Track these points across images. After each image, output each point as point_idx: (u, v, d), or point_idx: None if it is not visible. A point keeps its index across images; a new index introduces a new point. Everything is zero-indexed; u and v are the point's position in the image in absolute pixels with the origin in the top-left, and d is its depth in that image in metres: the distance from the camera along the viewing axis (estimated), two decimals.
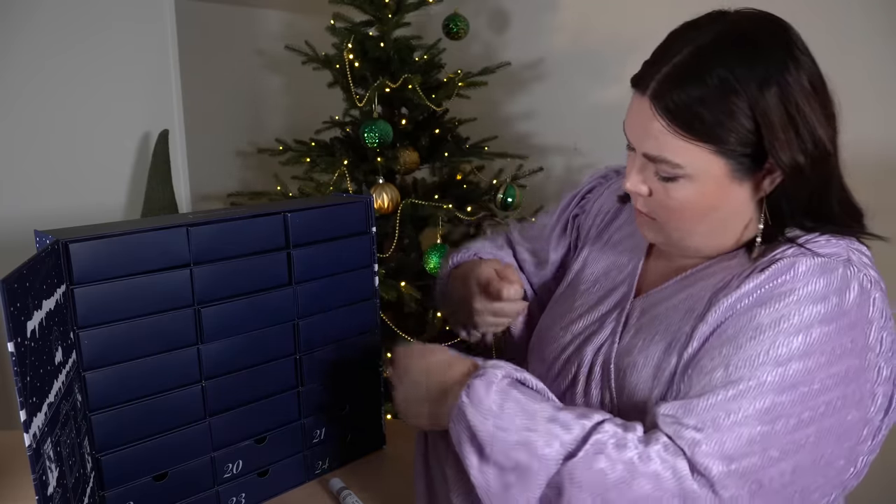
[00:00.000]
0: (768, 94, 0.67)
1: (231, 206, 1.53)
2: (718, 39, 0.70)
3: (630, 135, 0.76)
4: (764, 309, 0.68)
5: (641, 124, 0.73)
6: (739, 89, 0.67)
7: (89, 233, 0.72)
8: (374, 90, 1.61)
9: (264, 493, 0.89)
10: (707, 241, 0.78)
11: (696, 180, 0.72)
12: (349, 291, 0.94)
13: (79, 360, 0.72)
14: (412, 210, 1.68)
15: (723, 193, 0.73)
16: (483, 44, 2.21)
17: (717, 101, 0.68)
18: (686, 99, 0.68)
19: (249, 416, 0.86)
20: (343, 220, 0.92)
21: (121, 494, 0.76)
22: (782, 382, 0.66)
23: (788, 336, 0.67)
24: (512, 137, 2.15)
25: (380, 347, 1.00)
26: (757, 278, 0.70)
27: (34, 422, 0.58)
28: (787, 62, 0.69)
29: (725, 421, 0.65)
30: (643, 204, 0.79)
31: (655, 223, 0.79)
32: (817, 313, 0.67)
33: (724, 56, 0.68)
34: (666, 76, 0.70)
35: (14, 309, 0.55)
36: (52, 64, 1.51)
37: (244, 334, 0.84)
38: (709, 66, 0.68)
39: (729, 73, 0.67)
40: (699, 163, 0.71)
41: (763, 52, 0.69)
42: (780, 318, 0.67)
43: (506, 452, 0.66)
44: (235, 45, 2.09)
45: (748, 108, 0.68)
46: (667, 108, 0.70)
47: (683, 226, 0.77)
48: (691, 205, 0.74)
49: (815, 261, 0.69)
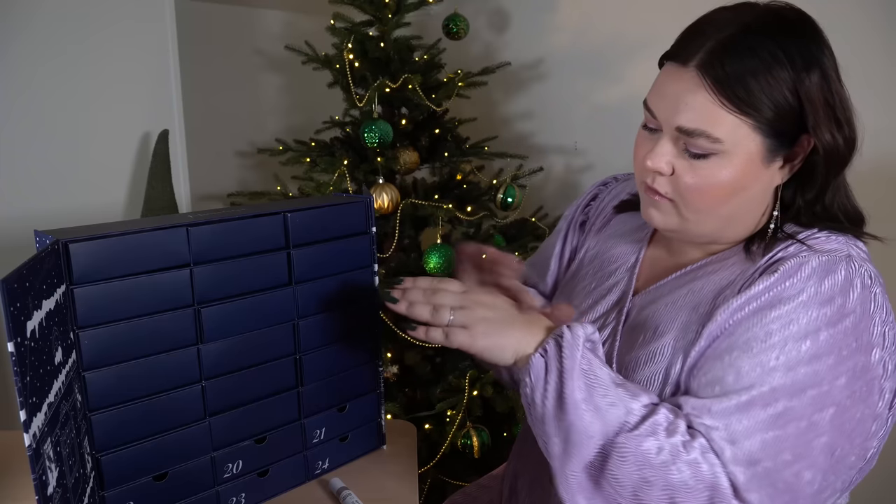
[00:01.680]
0: (813, 74, 0.70)
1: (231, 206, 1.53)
2: (763, 19, 0.72)
3: (660, 109, 0.75)
4: (773, 311, 0.69)
5: (679, 97, 0.72)
6: (788, 65, 0.69)
7: (89, 233, 0.72)
8: (374, 90, 1.61)
9: (264, 493, 0.89)
10: (722, 227, 0.78)
11: (730, 157, 0.72)
12: (349, 291, 0.94)
13: (79, 360, 0.72)
14: (412, 210, 1.68)
15: (752, 174, 0.73)
16: (483, 44, 2.21)
17: (766, 74, 0.69)
18: (738, 69, 0.69)
19: (249, 416, 0.86)
20: (343, 220, 0.92)
21: (121, 494, 0.76)
22: (793, 387, 0.66)
23: (797, 341, 0.67)
24: (512, 137, 2.15)
25: (380, 347, 1.00)
26: (767, 280, 0.71)
27: (34, 422, 0.58)
28: (822, 48, 0.71)
29: (739, 426, 0.67)
30: (663, 184, 0.76)
31: (671, 205, 0.77)
32: (823, 315, 0.68)
33: (771, 33, 0.70)
34: (713, 48, 0.71)
35: (14, 309, 0.55)
36: (51, 64, 1.51)
37: (244, 334, 0.84)
38: (758, 40, 0.70)
39: (779, 49, 0.69)
40: (737, 137, 0.71)
41: (803, 34, 0.71)
42: (788, 322, 0.68)
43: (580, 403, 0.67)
44: (235, 45, 2.09)
45: (793, 84, 0.70)
46: (717, 77, 0.70)
47: (705, 206, 0.75)
48: (719, 183, 0.73)
49: (820, 260, 0.70)
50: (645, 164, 0.76)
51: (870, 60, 1.52)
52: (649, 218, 0.80)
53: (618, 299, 0.86)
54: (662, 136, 0.75)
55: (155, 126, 1.65)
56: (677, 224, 0.78)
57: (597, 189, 1.03)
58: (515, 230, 1.86)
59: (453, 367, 1.75)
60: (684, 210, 0.77)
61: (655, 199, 0.78)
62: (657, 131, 0.76)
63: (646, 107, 0.77)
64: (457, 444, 1.64)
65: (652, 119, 0.76)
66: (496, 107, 2.21)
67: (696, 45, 0.72)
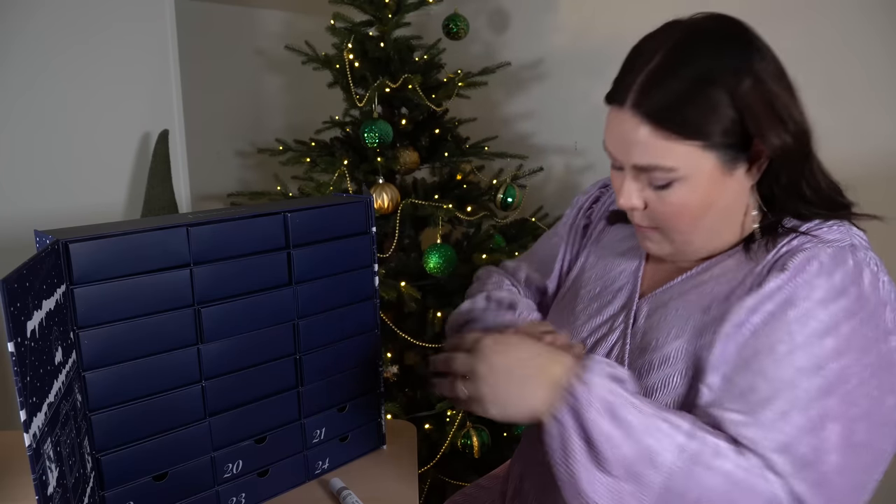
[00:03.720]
0: (745, 82, 0.69)
1: (231, 206, 1.53)
2: (685, 40, 0.72)
3: (614, 151, 0.77)
4: (791, 311, 0.69)
5: (625, 137, 0.73)
6: (717, 80, 0.69)
7: (89, 233, 0.72)
8: (374, 90, 1.61)
9: (264, 493, 0.89)
10: (711, 238, 0.79)
11: (690, 180, 0.73)
12: (349, 291, 0.94)
13: (79, 360, 0.72)
14: (412, 210, 1.68)
15: (717, 188, 0.74)
16: (483, 44, 2.21)
17: (697, 96, 0.69)
18: (668, 99, 0.70)
19: (249, 416, 0.86)
20: (343, 220, 0.92)
21: (121, 494, 0.76)
22: (825, 386, 0.66)
23: (820, 338, 0.67)
24: (512, 137, 2.15)
25: (380, 347, 1.00)
26: (778, 277, 0.70)
27: (34, 422, 0.58)
28: (751, 52, 0.71)
29: (782, 436, 0.66)
30: (641, 217, 0.79)
31: (658, 234, 0.80)
32: (841, 308, 0.68)
33: (695, 53, 0.71)
34: (643, 83, 0.71)
35: (14, 309, 0.55)
36: (51, 64, 1.51)
37: (244, 334, 0.84)
38: (683, 64, 0.70)
39: (703, 68, 0.70)
40: (690, 161, 0.72)
41: (728, 44, 0.71)
42: (808, 321, 0.68)
43: (622, 455, 0.64)
44: (235, 45, 2.09)
45: (728, 97, 0.69)
46: (650, 112, 0.71)
47: (685, 227, 0.77)
48: (689, 205, 0.74)
49: (828, 253, 0.70)
50: (619, 203, 0.78)
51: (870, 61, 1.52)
52: (646, 249, 0.83)
53: (624, 303, 0.86)
54: (626, 174, 0.77)
55: (155, 126, 1.65)
56: (671, 249, 0.81)
57: (598, 191, 1.02)
58: (515, 230, 1.86)
59: None
60: (670, 234, 0.79)
61: (643, 231, 0.81)
62: (622, 169, 0.78)
63: (604, 148, 0.79)
64: (457, 444, 1.64)
65: (613, 158, 0.78)
66: (496, 107, 2.21)
67: (627, 84, 0.73)
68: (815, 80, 1.57)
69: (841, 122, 1.53)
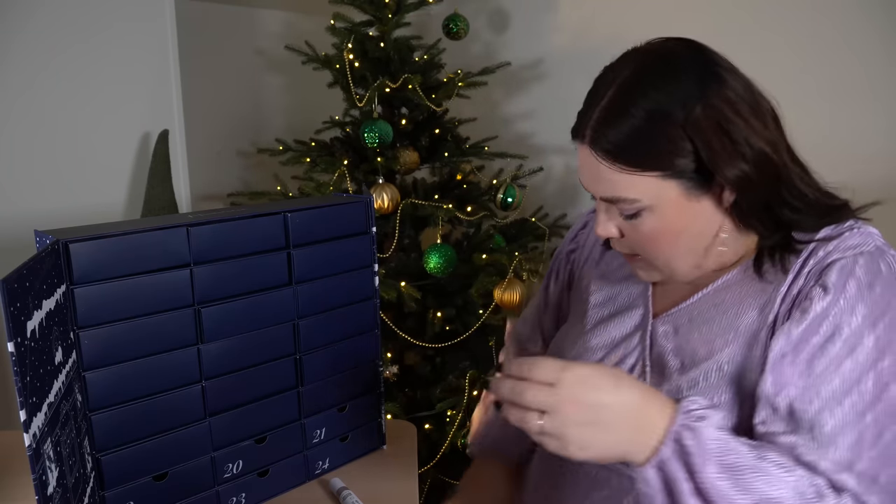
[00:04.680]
0: (695, 112, 0.68)
1: (231, 206, 1.53)
2: (635, 73, 0.72)
3: (585, 184, 0.78)
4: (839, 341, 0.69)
5: (589, 171, 0.75)
6: (667, 114, 0.69)
7: (89, 233, 0.72)
8: (374, 90, 1.61)
9: (264, 493, 0.89)
10: (695, 261, 0.78)
11: (656, 209, 0.73)
12: (349, 291, 0.94)
13: (79, 360, 0.72)
14: (412, 210, 1.68)
15: (685, 214, 0.74)
16: (483, 44, 2.21)
17: (649, 131, 0.69)
18: (621, 136, 0.70)
19: (249, 416, 0.86)
20: (343, 220, 0.92)
21: (121, 494, 0.76)
22: (875, 394, 0.67)
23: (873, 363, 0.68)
24: (512, 137, 2.15)
25: (380, 347, 1.00)
26: (824, 298, 0.69)
27: (34, 422, 0.58)
28: (705, 79, 0.70)
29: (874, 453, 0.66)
30: (620, 245, 0.80)
31: (641, 260, 0.80)
32: (886, 326, 0.69)
33: (644, 87, 0.70)
34: (596, 121, 0.72)
35: (14, 309, 0.55)
36: (51, 64, 1.51)
37: (244, 334, 0.84)
38: (633, 100, 0.70)
39: (652, 102, 0.69)
40: (653, 191, 0.72)
41: (680, 73, 0.70)
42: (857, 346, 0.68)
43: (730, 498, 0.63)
44: (235, 45, 2.09)
45: (681, 129, 0.69)
46: (605, 150, 0.72)
47: (662, 254, 0.77)
48: (660, 233, 0.75)
49: (861, 262, 0.70)
50: (596, 232, 0.79)
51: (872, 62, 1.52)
52: (637, 276, 0.83)
53: (638, 323, 0.84)
54: (599, 206, 0.78)
55: (155, 126, 1.65)
56: (658, 273, 0.80)
57: (588, 216, 1.02)
58: (515, 230, 1.86)
59: (453, 367, 1.75)
60: (650, 260, 0.78)
61: (631, 260, 0.81)
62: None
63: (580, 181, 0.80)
64: (457, 444, 1.64)
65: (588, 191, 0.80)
66: (496, 107, 2.21)
67: (584, 121, 0.74)
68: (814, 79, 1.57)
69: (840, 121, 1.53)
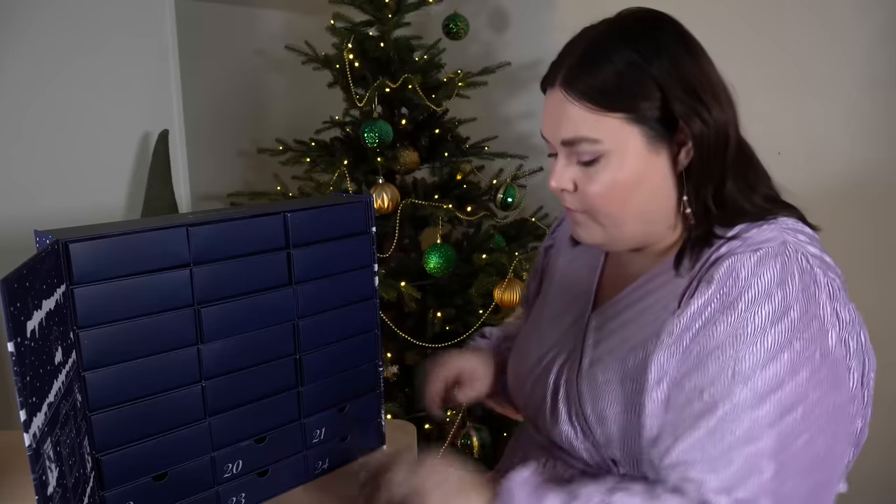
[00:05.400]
0: (666, 63, 0.73)
1: (231, 206, 1.53)
2: (613, 27, 0.78)
3: (547, 132, 0.80)
4: (719, 326, 0.68)
5: (556, 115, 0.77)
6: (640, 60, 0.73)
7: (89, 233, 0.72)
8: (374, 90, 1.61)
9: (264, 493, 0.89)
10: (641, 226, 0.78)
11: (616, 155, 0.74)
12: (349, 291, 0.94)
13: (79, 360, 0.72)
14: (412, 210, 1.68)
15: (643, 165, 0.75)
16: (483, 44, 2.21)
17: (623, 73, 0.73)
18: (594, 74, 0.74)
19: (249, 416, 0.86)
20: (343, 220, 0.92)
21: (121, 494, 0.76)
22: (754, 398, 0.65)
23: (749, 347, 0.66)
24: (512, 137, 2.15)
25: (380, 347, 1.00)
26: (705, 293, 0.70)
27: (34, 422, 0.58)
28: (678, 44, 0.75)
29: (714, 451, 0.65)
30: (571, 200, 0.79)
31: (587, 218, 0.79)
32: (768, 314, 0.67)
33: (622, 36, 0.75)
34: (573, 64, 0.76)
35: (14, 309, 0.55)
36: (52, 64, 1.51)
37: (244, 334, 0.84)
38: (610, 45, 0.75)
39: (628, 48, 0.74)
40: (615, 134, 0.74)
41: (654, 31, 0.75)
42: (736, 333, 0.67)
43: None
44: (235, 45, 2.09)
45: (652, 76, 0.73)
46: (578, 88, 0.75)
47: (613, 209, 0.77)
48: (616, 183, 0.75)
49: (752, 258, 0.69)
50: (550, 185, 0.80)
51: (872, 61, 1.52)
52: (580, 238, 0.83)
53: (577, 316, 0.87)
54: (557, 156, 0.79)
55: (155, 126, 1.65)
56: (601, 235, 0.80)
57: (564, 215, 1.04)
58: (515, 230, 1.87)
59: None
60: (599, 218, 0.78)
61: (575, 218, 0.81)
62: (555, 156, 0.81)
63: (542, 135, 0.82)
64: (457, 444, 1.64)
65: (548, 144, 0.81)
66: (496, 107, 2.21)
67: (557, 67, 0.78)
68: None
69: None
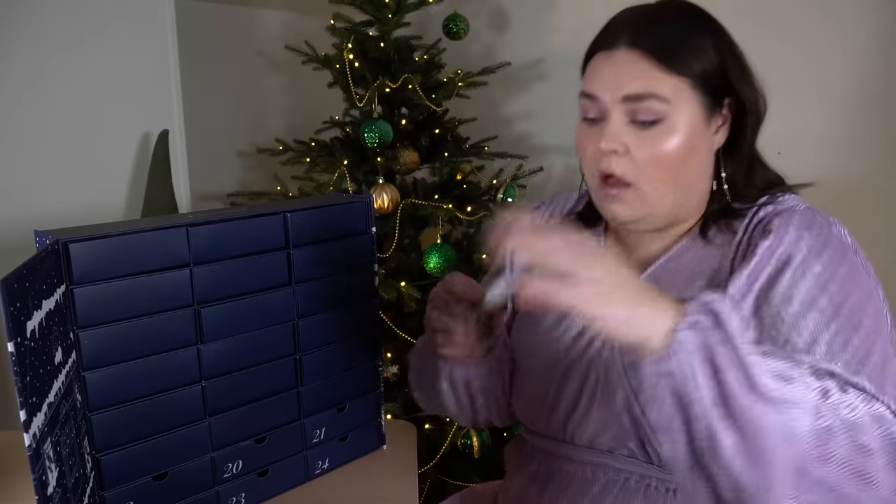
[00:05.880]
0: (725, 39, 0.79)
1: (231, 206, 1.53)
2: (670, 3, 0.81)
3: (602, 90, 0.78)
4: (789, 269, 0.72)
5: (619, 73, 0.77)
6: (705, 28, 0.78)
7: (89, 233, 0.72)
8: (374, 90, 1.61)
9: (264, 493, 0.89)
10: (680, 199, 0.79)
11: (676, 119, 0.76)
12: (349, 291, 0.94)
13: (79, 360, 0.72)
14: (412, 210, 1.68)
15: (697, 135, 0.77)
16: (483, 44, 2.21)
17: (690, 37, 0.77)
18: (665, 34, 0.76)
19: (249, 416, 0.86)
20: (343, 220, 0.92)
21: (121, 494, 0.76)
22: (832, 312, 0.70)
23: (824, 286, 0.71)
24: (512, 137, 2.15)
25: (380, 347, 1.00)
26: (766, 240, 0.74)
27: (34, 422, 0.58)
28: (722, 27, 0.81)
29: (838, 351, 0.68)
30: (620, 165, 0.77)
31: (629, 191, 0.78)
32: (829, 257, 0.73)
33: (684, 9, 0.80)
34: (639, 25, 0.77)
35: (14, 309, 0.55)
36: (52, 64, 1.51)
37: (244, 334, 0.84)
38: (677, 12, 0.79)
39: (693, 16, 0.79)
40: (680, 97, 0.76)
41: (706, 12, 0.81)
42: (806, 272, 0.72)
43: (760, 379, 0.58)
44: (235, 45, 2.09)
45: (713, 44, 0.77)
46: (647, 45, 0.76)
47: (662, 177, 0.77)
48: (672, 149, 0.76)
49: (799, 211, 0.76)
50: (599, 146, 0.78)
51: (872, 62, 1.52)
52: (614, 215, 0.80)
53: None
54: (609, 116, 0.78)
55: (155, 126, 1.65)
56: (639, 210, 0.79)
57: (550, 204, 1.03)
58: None
59: None
60: (644, 187, 0.77)
61: (614, 192, 0.79)
62: (597, 121, 0.80)
63: (585, 96, 0.81)
64: (457, 444, 1.64)
65: (592, 107, 0.80)
66: (496, 107, 2.21)
67: (617, 31, 0.79)
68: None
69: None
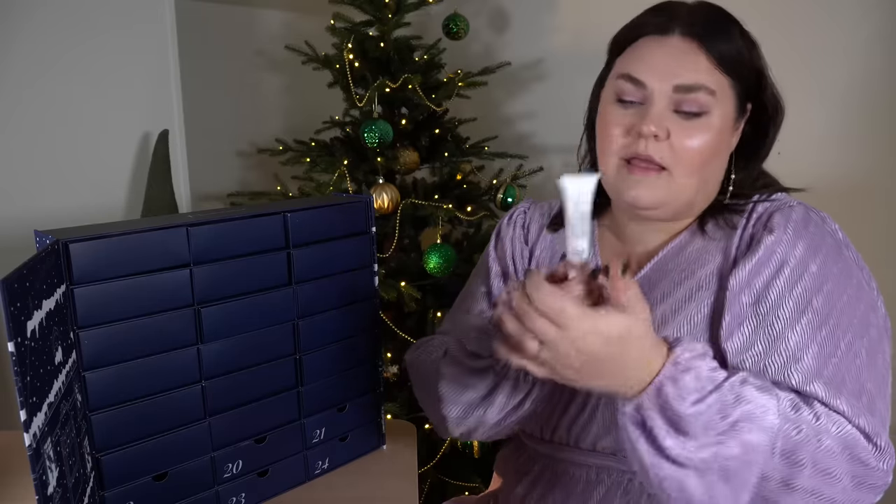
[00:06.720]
0: (758, 48, 0.83)
1: (231, 206, 1.53)
2: (712, 4, 0.84)
3: (652, 75, 0.79)
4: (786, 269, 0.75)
5: (672, 61, 0.79)
6: (744, 34, 0.82)
7: (89, 233, 0.72)
8: (374, 90, 1.61)
9: (264, 493, 0.89)
10: (698, 192, 0.82)
11: (716, 115, 0.78)
12: (349, 291, 0.94)
13: (79, 360, 0.72)
14: (412, 210, 1.68)
15: (727, 133, 0.81)
16: (483, 44, 2.21)
17: (738, 39, 0.80)
18: (721, 31, 0.80)
19: (249, 416, 0.86)
20: (343, 220, 0.92)
21: (121, 494, 0.76)
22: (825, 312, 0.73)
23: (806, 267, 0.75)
24: (512, 137, 2.15)
25: (380, 347, 1.00)
26: (769, 237, 0.77)
27: (34, 422, 0.58)
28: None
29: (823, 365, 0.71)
30: (659, 149, 0.78)
31: (661, 175, 0.79)
32: (824, 256, 0.76)
33: (729, 15, 0.83)
34: (698, 17, 0.80)
35: (14, 309, 0.55)
36: (52, 64, 1.51)
37: (244, 334, 0.84)
38: (722, 12, 0.82)
39: (737, 22, 0.82)
40: (723, 94, 0.79)
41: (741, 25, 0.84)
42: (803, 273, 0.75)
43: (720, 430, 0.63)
44: (235, 45, 2.09)
45: (750, 53, 0.81)
46: (703, 37, 0.79)
47: (695, 167, 0.79)
48: (709, 142, 0.79)
49: (797, 209, 0.79)
50: (640, 129, 0.78)
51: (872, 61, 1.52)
52: (635, 198, 0.80)
53: None
54: (653, 101, 0.79)
55: (155, 126, 1.65)
56: (665, 196, 0.80)
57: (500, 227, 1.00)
58: None
59: None
60: (677, 174, 0.79)
61: (640, 175, 0.79)
62: (635, 104, 0.80)
63: (627, 78, 0.81)
64: (457, 445, 1.64)
65: (633, 91, 0.80)
66: (496, 107, 2.21)
67: (671, 17, 0.81)
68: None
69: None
